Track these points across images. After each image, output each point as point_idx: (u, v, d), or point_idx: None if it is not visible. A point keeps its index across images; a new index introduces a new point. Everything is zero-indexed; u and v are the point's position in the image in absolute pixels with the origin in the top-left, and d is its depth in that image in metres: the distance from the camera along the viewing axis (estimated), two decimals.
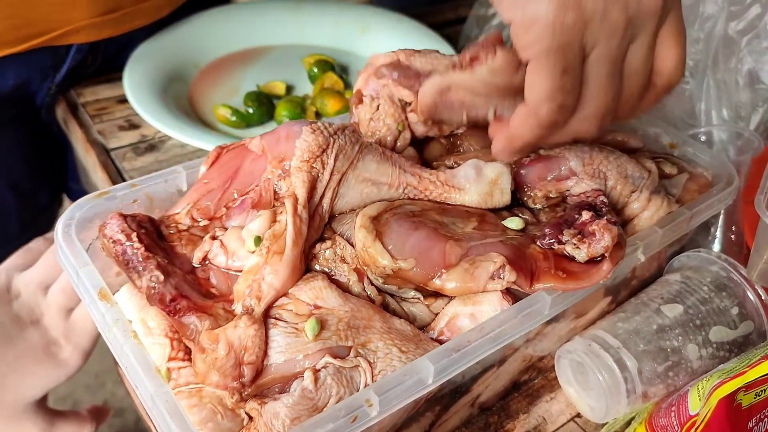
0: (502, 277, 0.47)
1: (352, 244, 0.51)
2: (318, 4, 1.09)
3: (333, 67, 0.96)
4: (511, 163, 0.56)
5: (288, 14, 1.06)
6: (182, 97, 0.89)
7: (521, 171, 0.57)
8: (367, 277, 0.50)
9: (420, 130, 0.61)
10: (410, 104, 0.59)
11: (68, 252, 0.48)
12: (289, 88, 0.95)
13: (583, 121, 0.47)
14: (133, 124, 0.84)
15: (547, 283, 0.48)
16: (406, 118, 0.60)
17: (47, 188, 1.00)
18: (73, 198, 1.05)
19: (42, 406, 0.65)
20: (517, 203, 0.57)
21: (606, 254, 0.48)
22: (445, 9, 1.20)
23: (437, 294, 0.51)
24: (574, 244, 0.48)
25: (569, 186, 0.56)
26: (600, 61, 0.45)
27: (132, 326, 0.45)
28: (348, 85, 0.95)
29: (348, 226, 0.52)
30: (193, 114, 0.87)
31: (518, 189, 0.57)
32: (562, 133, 0.48)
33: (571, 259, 0.49)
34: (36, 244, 0.70)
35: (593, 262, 0.48)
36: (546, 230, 0.50)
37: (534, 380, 0.63)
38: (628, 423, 0.58)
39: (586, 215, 0.49)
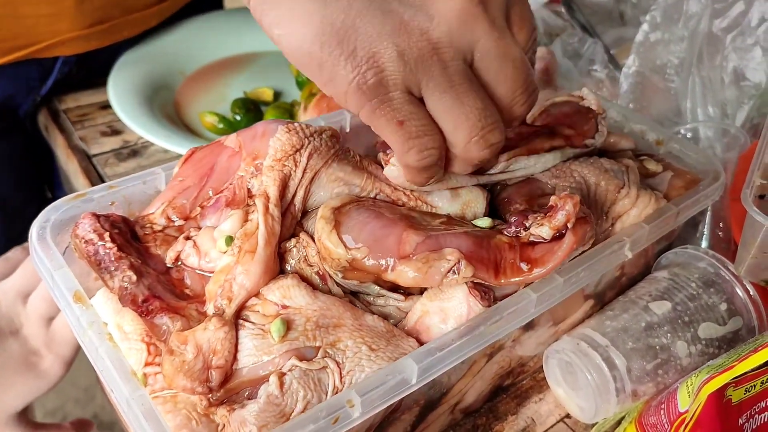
0: (457, 272, 0.45)
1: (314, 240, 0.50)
2: None
3: None
4: (486, 187, 0.55)
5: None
6: (168, 104, 0.88)
7: (502, 194, 0.56)
8: (330, 277, 0.49)
9: None
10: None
11: (42, 255, 0.47)
12: (277, 95, 0.95)
13: (464, 150, 0.44)
14: (115, 130, 0.83)
15: (514, 278, 0.47)
16: None
17: (33, 202, 0.99)
18: None
19: (24, 418, 0.64)
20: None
21: (569, 224, 0.46)
22: None
23: (408, 294, 0.50)
24: (539, 223, 0.47)
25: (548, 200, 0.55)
26: (433, 95, 0.42)
27: (108, 329, 0.44)
28: None
29: (314, 220, 0.51)
30: (179, 121, 0.86)
31: (499, 208, 0.56)
32: (460, 164, 0.46)
33: (538, 243, 0.47)
34: (14, 253, 0.69)
35: (559, 239, 0.47)
36: (512, 219, 0.48)
37: (521, 381, 0.62)
38: (618, 422, 0.57)
39: (551, 199, 0.48)
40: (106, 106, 0.86)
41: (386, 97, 0.41)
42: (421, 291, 0.49)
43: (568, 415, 0.60)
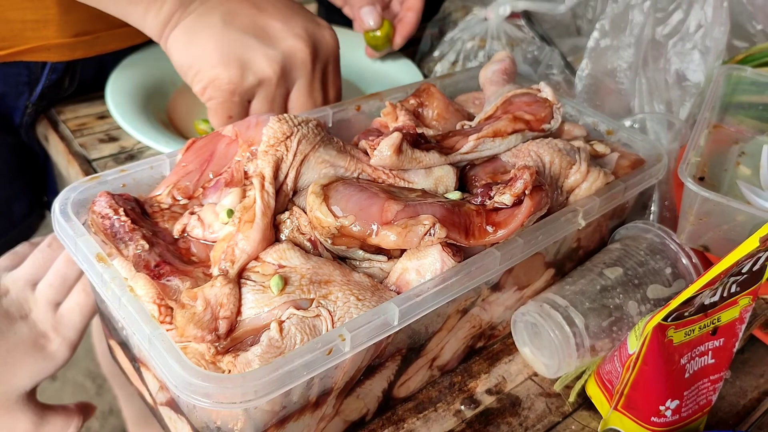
0: (432, 234, 0.52)
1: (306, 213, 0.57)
2: None
3: None
4: (456, 165, 0.62)
5: None
6: (161, 111, 0.94)
7: (470, 172, 0.63)
8: (321, 244, 0.56)
9: None
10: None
11: (66, 225, 0.53)
12: None
13: None
14: (112, 137, 0.89)
15: (482, 238, 0.54)
16: None
17: (23, 201, 1.03)
18: None
19: (32, 398, 0.68)
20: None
21: (526, 191, 0.53)
22: None
23: (390, 257, 0.56)
24: (501, 192, 0.54)
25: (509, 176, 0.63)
26: (259, 102, 0.75)
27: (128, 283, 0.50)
28: None
29: (305, 197, 0.57)
30: (172, 129, 0.92)
31: (467, 184, 0.63)
32: None
33: (501, 209, 0.54)
34: (22, 248, 0.74)
35: (519, 205, 0.54)
36: (479, 191, 0.56)
37: (493, 345, 0.68)
38: (579, 376, 0.64)
39: (511, 172, 0.55)
40: (103, 116, 0.92)
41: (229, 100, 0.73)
42: (401, 253, 0.56)
43: (535, 374, 0.66)
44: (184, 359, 0.45)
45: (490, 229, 0.54)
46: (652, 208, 0.79)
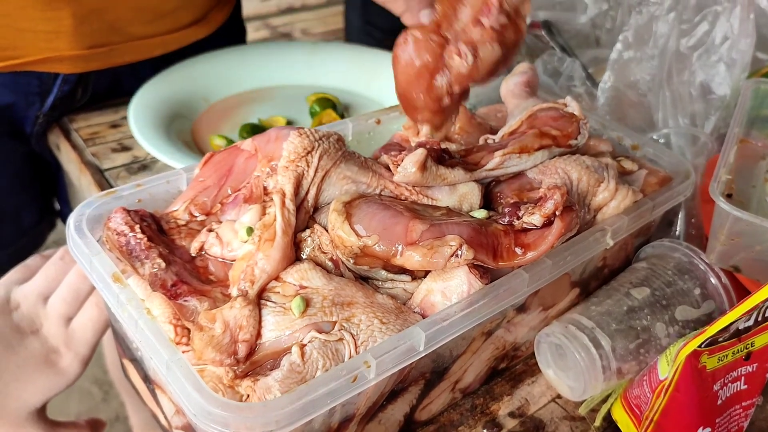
0: (459, 255, 0.50)
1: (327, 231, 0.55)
2: (333, 48, 1.15)
3: (334, 105, 0.99)
4: (481, 181, 0.61)
5: (302, 56, 1.10)
6: (186, 129, 0.92)
7: (495, 189, 0.62)
8: (343, 263, 0.54)
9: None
10: None
11: (81, 242, 0.52)
12: (289, 123, 0.99)
13: None
14: (125, 147, 0.88)
15: (510, 261, 0.52)
16: None
17: (32, 210, 1.02)
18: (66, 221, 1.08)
19: (42, 415, 0.67)
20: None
21: (557, 212, 0.51)
22: None
23: (414, 277, 0.55)
24: (530, 212, 0.52)
25: (536, 194, 0.61)
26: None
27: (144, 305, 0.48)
28: None
29: (326, 215, 0.56)
30: (194, 145, 0.90)
31: (492, 201, 0.61)
32: None
33: (529, 230, 0.53)
34: (33, 260, 0.73)
35: (549, 226, 0.52)
36: (506, 210, 0.54)
37: (515, 366, 0.67)
38: (605, 399, 0.62)
39: (540, 191, 0.54)
40: (115, 125, 0.91)
41: None
42: (425, 274, 0.54)
43: (559, 396, 0.64)
44: (203, 386, 0.43)
45: (519, 251, 0.52)
46: (678, 226, 0.77)
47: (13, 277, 0.70)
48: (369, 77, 1.07)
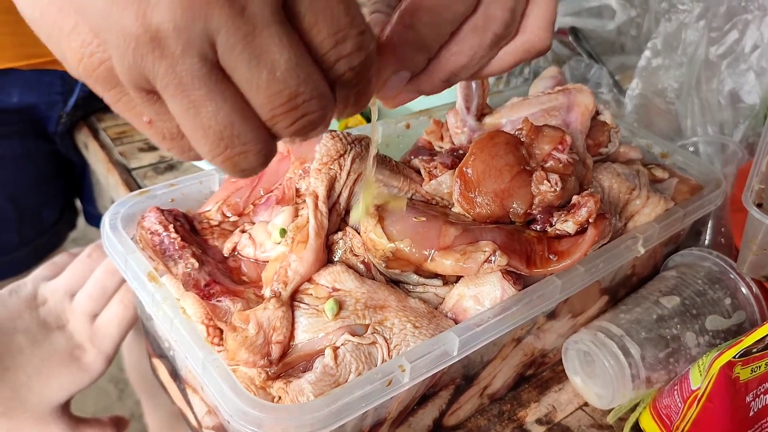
0: (492, 261, 0.50)
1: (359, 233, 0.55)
2: None
3: None
4: None
5: None
6: None
7: None
8: (374, 266, 0.54)
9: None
10: None
11: (116, 241, 0.52)
12: None
13: (215, 165, 0.35)
14: (152, 146, 0.88)
15: (544, 267, 0.52)
16: None
17: (53, 207, 1.03)
18: (90, 221, 1.08)
19: (66, 411, 0.67)
20: None
21: (590, 220, 0.51)
22: None
23: (444, 281, 0.55)
24: (563, 220, 0.52)
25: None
26: (165, 96, 0.32)
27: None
28: None
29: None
30: None
31: None
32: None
33: (562, 237, 0.52)
34: (61, 258, 0.73)
35: (582, 233, 0.52)
36: (539, 216, 0.54)
37: (542, 373, 0.66)
38: (633, 408, 0.62)
39: (574, 199, 0.53)
40: None
41: (122, 91, 0.33)
42: (458, 278, 0.54)
43: (586, 404, 0.64)
44: (238, 386, 0.43)
45: (552, 258, 0.52)
46: (707, 235, 0.76)
47: (41, 273, 0.71)
48: None
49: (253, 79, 0.31)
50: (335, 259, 0.54)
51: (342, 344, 0.48)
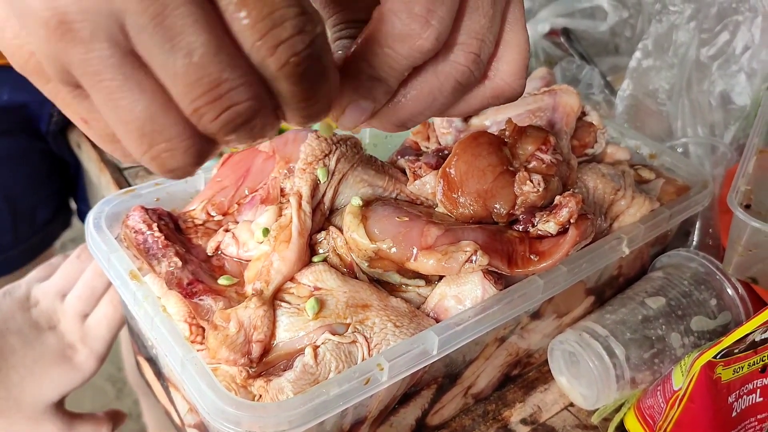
0: (473, 261, 0.50)
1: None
2: None
3: None
4: None
5: None
6: None
7: None
8: (357, 266, 0.54)
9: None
10: None
11: (99, 240, 0.52)
12: None
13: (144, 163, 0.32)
14: None
15: (525, 268, 0.52)
16: None
17: (47, 207, 1.03)
18: (84, 219, 1.09)
19: (60, 408, 0.67)
20: None
21: (572, 220, 0.51)
22: None
23: (426, 281, 0.55)
24: (545, 220, 0.52)
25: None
26: (84, 85, 0.29)
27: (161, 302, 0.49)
28: None
29: (341, 217, 0.56)
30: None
31: None
32: None
33: (544, 237, 0.52)
34: (56, 260, 0.74)
35: (563, 234, 0.52)
36: (521, 216, 0.54)
37: (528, 373, 0.66)
38: (618, 409, 0.62)
39: (556, 199, 0.54)
40: None
41: (57, 86, 0.31)
42: (440, 278, 0.54)
43: (571, 404, 0.64)
44: (217, 385, 0.43)
45: (533, 258, 0.52)
46: (694, 236, 0.76)
47: (35, 275, 0.71)
48: None
49: (168, 65, 0.28)
50: (318, 259, 0.55)
51: (322, 343, 0.48)
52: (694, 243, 0.76)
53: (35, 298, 0.68)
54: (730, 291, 0.64)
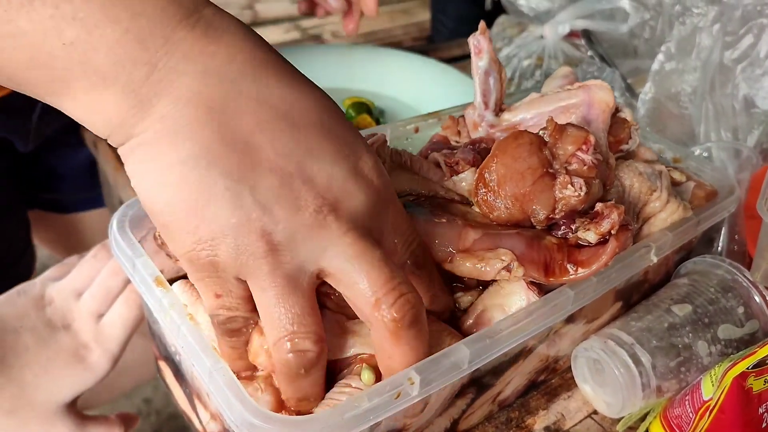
0: (509, 271, 0.50)
1: None
2: (368, 50, 1.14)
3: (369, 110, 0.98)
4: None
5: (336, 60, 1.10)
6: None
7: None
8: None
9: None
10: None
11: (124, 244, 0.52)
12: None
13: (273, 349, 0.43)
14: None
15: (562, 277, 0.52)
16: None
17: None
18: None
19: (72, 409, 0.67)
20: None
21: (612, 232, 0.50)
22: (453, 45, 1.26)
23: (464, 288, 0.54)
24: (585, 228, 0.51)
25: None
26: (255, 291, 0.41)
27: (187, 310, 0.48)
28: None
29: None
30: None
31: None
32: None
33: (583, 246, 0.52)
34: (71, 259, 0.73)
35: (602, 244, 0.51)
36: (561, 221, 0.53)
37: (551, 380, 0.66)
38: (643, 418, 0.61)
39: (597, 206, 0.53)
40: None
41: (215, 273, 0.40)
42: (482, 289, 0.54)
43: (595, 412, 0.63)
44: (245, 396, 0.42)
45: (570, 267, 0.51)
46: (720, 242, 0.76)
47: (51, 274, 0.71)
48: (404, 81, 1.06)
49: (353, 271, 0.41)
50: None
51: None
52: (720, 249, 0.75)
53: (50, 296, 0.68)
54: (757, 299, 0.63)
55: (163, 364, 0.64)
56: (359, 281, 0.40)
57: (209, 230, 0.38)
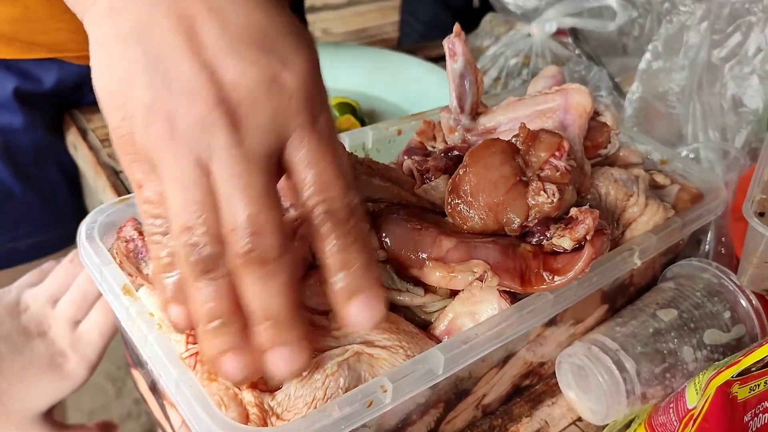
0: (482, 281, 0.48)
1: None
2: (355, 50, 1.12)
3: (354, 111, 0.97)
4: None
5: (325, 60, 1.08)
6: None
7: None
8: None
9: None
10: None
11: (92, 251, 0.50)
12: None
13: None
14: None
15: (538, 286, 0.50)
16: None
17: None
18: None
19: (48, 418, 0.66)
20: None
21: (588, 237, 0.49)
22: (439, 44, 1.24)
23: (426, 290, 0.53)
24: (560, 235, 0.50)
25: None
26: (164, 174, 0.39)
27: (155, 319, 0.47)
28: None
29: None
30: None
31: None
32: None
33: (559, 252, 0.50)
34: (47, 264, 0.72)
35: (578, 250, 0.50)
36: (535, 228, 0.52)
37: (535, 386, 0.64)
38: (628, 425, 0.60)
39: (572, 212, 0.52)
40: None
41: (134, 152, 0.39)
42: (453, 296, 0.52)
43: (579, 419, 0.62)
44: (212, 407, 0.41)
45: (547, 275, 0.50)
46: (707, 244, 0.74)
47: (26, 280, 0.70)
48: (391, 81, 1.05)
49: (233, 194, 0.38)
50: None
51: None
52: (707, 251, 0.74)
53: (25, 303, 0.66)
54: (744, 303, 0.62)
55: (136, 373, 0.62)
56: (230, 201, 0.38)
57: (132, 107, 0.38)
